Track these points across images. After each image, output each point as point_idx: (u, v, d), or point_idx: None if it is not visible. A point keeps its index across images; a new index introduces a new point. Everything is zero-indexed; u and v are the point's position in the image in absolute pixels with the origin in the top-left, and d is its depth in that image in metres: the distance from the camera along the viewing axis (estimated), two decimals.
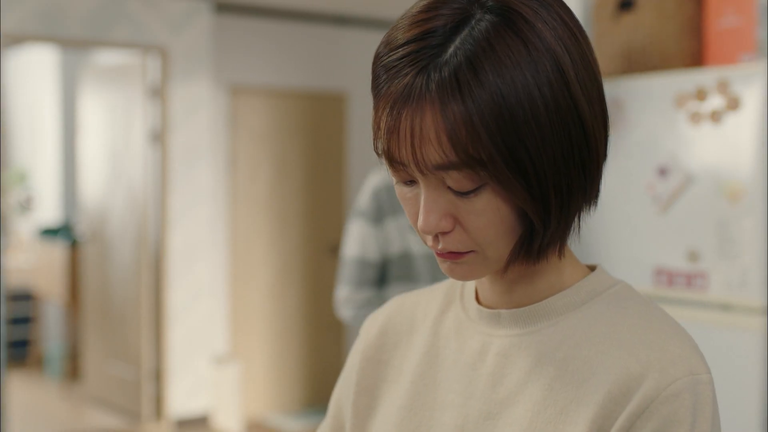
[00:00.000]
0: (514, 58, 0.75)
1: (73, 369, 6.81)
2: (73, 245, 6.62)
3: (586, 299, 0.86)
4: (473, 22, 0.76)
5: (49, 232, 7.03)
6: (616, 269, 2.79)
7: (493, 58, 0.75)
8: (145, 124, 5.70)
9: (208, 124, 5.89)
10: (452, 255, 0.81)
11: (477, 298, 0.92)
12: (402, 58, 0.77)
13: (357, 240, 2.42)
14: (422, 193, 0.80)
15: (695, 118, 2.60)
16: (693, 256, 2.59)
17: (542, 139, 0.76)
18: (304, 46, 6.66)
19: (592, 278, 0.87)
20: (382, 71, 0.79)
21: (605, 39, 3.00)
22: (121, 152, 5.95)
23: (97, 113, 6.18)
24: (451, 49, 0.76)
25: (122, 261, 5.94)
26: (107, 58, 6.69)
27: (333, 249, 6.76)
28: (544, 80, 0.76)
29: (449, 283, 0.98)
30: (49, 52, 7.39)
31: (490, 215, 0.78)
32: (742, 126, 2.49)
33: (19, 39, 5.27)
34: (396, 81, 0.77)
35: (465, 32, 0.76)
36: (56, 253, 6.70)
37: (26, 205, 7.66)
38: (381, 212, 2.42)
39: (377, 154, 0.82)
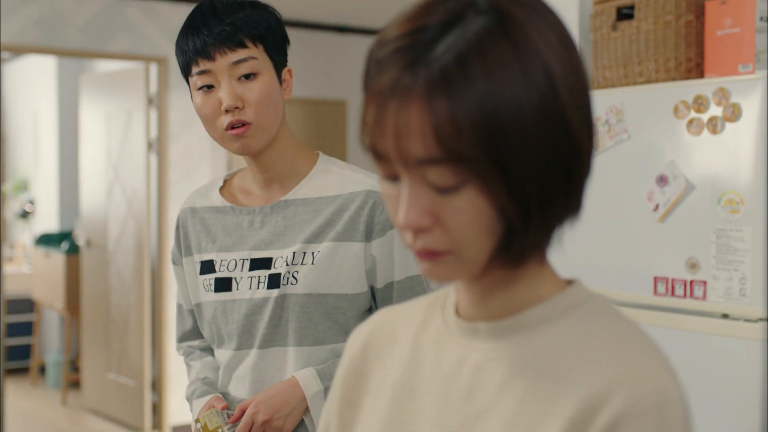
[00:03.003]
0: (503, 60, 0.76)
1: (72, 377, 6.80)
2: (73, 253, 6.62)
3: (562, 313, 0.86)
4: (466, 23, 0.77)
5: (49, 240, 7.03)
6: (616, 278, 2.79)
7: (483, 58, 0.76)
8: (145, 133, 5.71)
9: (206, 132, 5.89)
10: (430, 254, 0.81)
11: (457, 311, 0.92)
12: (392, 53, 0.78)
13: None
14: (404, 188, 0.80)
15: (694, 127, 2.60)
16: (692, 265, 2.59)
17: (527, 141, 0.76)
18: (304, 54, 6.67)
19: (570, 292, 0.87)
20: (372, 65, 0.80)
21: (604, 48, 3.01)
22: (120, 160, 5.95)
23: (97, 121, 6.19)
24: (441, 46, 0.76)
25: (122, 269, 5.94)
26: (107, 65, 6.70)
27: None
28: (532, 85, 0.76)
29: (433, 296, 0.98)
30: (49, 60, 7.40)
31: (470, 214, 0.78)
32: (741, 135, 2.49)
33: (19, 49, 5.28)
34: (384, 74, 0.78)
35: (457, 31, 0.77)
36: (56, 261, 6.70)
37: (26, 214, 7.66)
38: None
39: (363, 148, 0.82)
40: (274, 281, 1.64)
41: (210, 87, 1.63)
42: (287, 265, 1.63)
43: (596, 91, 2.91)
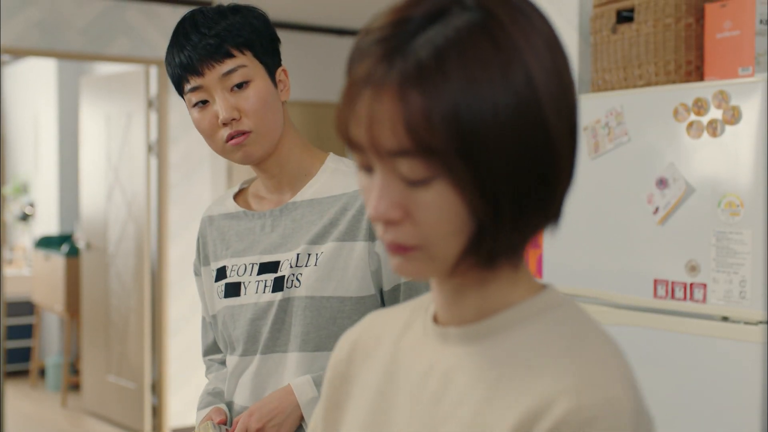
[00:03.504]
0: (482, 59, 0.75)
1: (72, 380, 6.80)
2: (73, 256, 6.62)
3: (529, 318, 0.84)
4: (449, 18, 0.77)
5: (49, 243, 7.03)
6: (616, 280, 2.79)
7: (461, 55, 0.75)
8: (145, 135, 5.71)
9: None
10: (399, 248, 0.81)
11: (435, 316, 0.91)
12: (373, 42, 0.78)
13: None
14: (376, 180, 0.79)
15: (694, 130, 2.60)
16: (692, 268, 2.59)
17: (501, 141, 0.76)
18: (304, 57, 6.67)
19: (540, 297, 0.86)
20: (355, 53, 0.80)
21: (604, 51, 3.01)
22: (120, 163, 5.95)
23: (97, 124, 6.19)
24: (420, 39, 0.76)
25: (122, 272, 5.94)
26: (107, 68, 6.70)
27: None
28: (510, 86, 0.76)
29: (420, 300, 0.97)
30: (49, 63, 7.40)
31: (440, 210, 0.78)
32: (741, 138, 2.49)
33: (19, 52, 5.28)
34: (362, 63, 0.78)
35: (439, 26, 0.76)
36: (56, 263, 6.70)
37: (26, 216, 7.66)
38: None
39: (338, 136, 0.82)
40: (278, 284, 1.61)
41: (205, 102, 1.61)
42: (291, 267, 1.61)
43: (596, 94, 2.91)
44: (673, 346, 2.63)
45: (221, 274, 1.70)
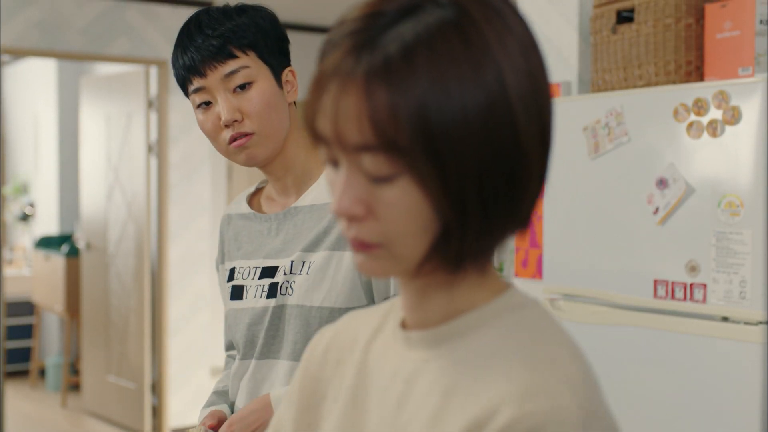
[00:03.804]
0: (452, 57, 0.74)
1: (72, 380, 6.80)
2: (73, 256, 6.62)
3: (487, 322, 0.82)
4: (422, 13, 0.75)
5: (49, 243, 7.03)
6: (616, 281, 2.79)
7: (431, 52, 0.74)
8: (145, 136, 5.71)
9: None
10: (361, 246, 0.79)
11: (403, 319, 0.89)
12: (345, 35, 0.77)
13: None
14: (341, 175, 0.78)
15: (694, 130, 2.60)
16: (692, 268, 2.59)
17: (468, 141, 0.74)
18: (302, 57, 6.66)
19: (500, 300, 0.83)
20: (326, 45, 0.79)
21: (604, 51, 3.01)
22: (120, 163, 5.95)
23: (97, 124, 6.19)
24: (391, 34, 0.75)
25: (122, 272, 5.94)
26: (107, 68, 6.70)
27: None
28: (480, 85, 0.75)
29: (390, 303, 0.95)
30: (49, 63, 7.40)
31: (403, 207, 0.76)
32: (741, 138, 2.49)
33: (19, 52, 5.28)
34: (332, 55, 0.77)
35: (411, 21, 0.75)
36: (56, 264, 6.70)
37: (26, 216, 7.66)
38: None
39: (305, 128, 0.80)
40: (273, 291, 1.60)
41: (208, 103, 1.59)
42: (285, 274, 1.59)
43: (596, 94, 2.91)
44: (673, 347, 2.63)
45: (231, 275, 1.70)
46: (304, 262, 1.58)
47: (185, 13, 5.60)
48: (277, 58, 1.63)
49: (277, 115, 1.60)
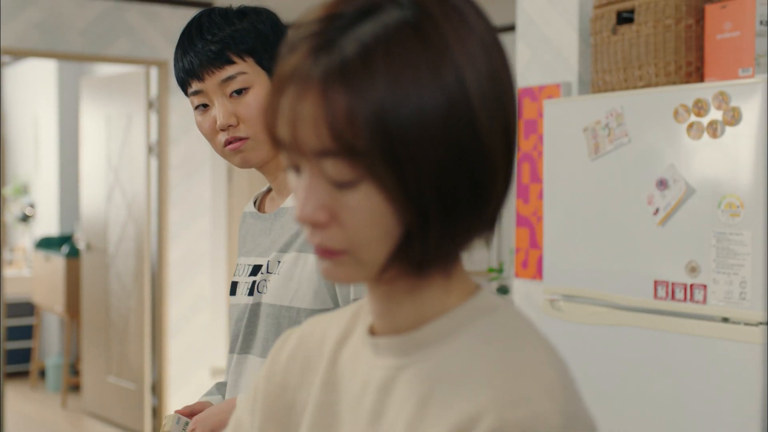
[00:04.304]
0: (410, 58, 0.72)
1: (72, 381, 6.80)
2: (73, 257, 6.62)
3: (459, 327, 0.80)
4: (381, 14, 0.74)
5: (49, 244, 7.03)
6: (616, 281, 2.79)
7: (388, 54, 0.72)
8: (145, 136, 5.71)
9: None
10: (326, 253, 0.77)
11: (371, 325, 0.87)
12: (303, 37, 0.75)
13: None
14: (303, 181, 0.77)
15: (694, 131, 2.60)
16: (692, 269, 2.59)
17: (427, 145, 0.73)
18: None
19: (470, 304, 0.81)
20: (285, 48, 0.77)
21: (604, 52, 3.01)
22: (121, 164, 5.95)
23: (97, 125, 6.19)
24: (348, 37, 0.73)
25: (122, 272, 5.94)
26: (107, 69, 6.70)
27: None
28: (439, 87, 0.73)
29: (358, 305, 0.93)
30: (50, 64, 7.41)
31: (366, 213, 0.75)
32: (741, 139, 2.49)
33: (19, 53, 5.28)
34: (288, 59, 0.75)
35: (369, 22, 0.73)
36: (56, 264, 6.70)
37: (27, 217, 7.66)
38: None
39: (265, 133, 0.79)
40: (252, 288, 1.65)
41: (206, 106, 1.62)
42: (262, 273, 1.64)
43: (596, 95, 2.91)
44: (673, 347, 2.63)
45: (235, 271, 1.77)
46: (279, 262, 1.62)
47: (185, 13, 5.60)
48: (276, 63, 1.63)
49: None
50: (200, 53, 1.59)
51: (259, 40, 1.62)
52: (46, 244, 7.03)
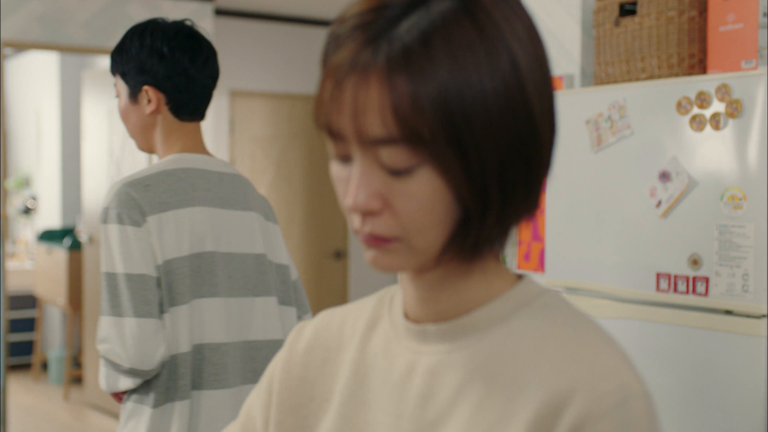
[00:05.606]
0: (468, 43, 0.74)
1: (74, 373, 6.80)
2: (75, 249, 6.62)
3: (513, 311, 0.82)
4: (431, 3, 0.75)
5: (51, 236, 7.04)
6: (618, 274, 2.79)
7: (448, 40, 0.73)
8: None
9: (208, 129, 5.89)
10: (377, 240, 0.77)
11: (405, 311, 0.87)
12: (352, 29, 0.75)
13: None
14: (356, 169, 0.76)
15: (697, 123, 2.60)
16: (695, 261, 2.59)
17: (489, 127, 0.74)
18: (303, 50, 6.66)
19: (520, 288, 0.83)
20: (331, 41, 0.77)
21: (607, 44, 3.01)
22: (123, 157, 5.95)
23: (99, 117, 6.19)
24: (404, 25, 0.74)
25: None
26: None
27: (335, 253, 6.76)
28: (497, 71, 0.74)
29: (379, 297, 0.94)
30: (52, 57, 7.40)
31: (422, 199, 0.75)
32: (743, 131, 2.49)
33: (21, 46, 5.28)
34: (343, 50, 0.75)
35: (421, 11, 0.74)
36: (58, 257, 6.71)
37: (29, 210, 7.67)
38: None
39: (317, 126, 0.79)
40: None
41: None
42: None
43: (599, 87, 2.90)
44: (675, 340, 2.63)
45: None
46: None
47: (187, 6, 5.60)
48: (131, 77, 2.06)
49: (136, 128, 2.07)
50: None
51: (121, 57, 2.06)
52: (48, 236, 7.04)
